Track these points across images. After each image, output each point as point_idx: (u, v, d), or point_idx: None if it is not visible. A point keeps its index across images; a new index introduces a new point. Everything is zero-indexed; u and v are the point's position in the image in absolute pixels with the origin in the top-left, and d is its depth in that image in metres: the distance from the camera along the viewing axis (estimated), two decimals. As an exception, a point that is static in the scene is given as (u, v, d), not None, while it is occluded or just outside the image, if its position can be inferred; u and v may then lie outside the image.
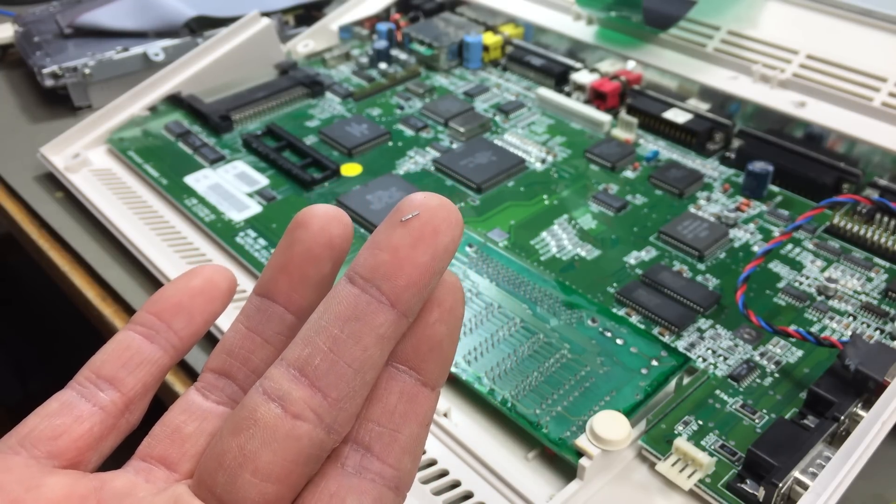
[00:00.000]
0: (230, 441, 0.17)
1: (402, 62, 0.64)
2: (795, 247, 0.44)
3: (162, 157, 0.54)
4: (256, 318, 0.19)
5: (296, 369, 0.17)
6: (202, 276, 0.20)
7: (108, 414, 0.19)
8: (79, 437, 0.18)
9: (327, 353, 0.17)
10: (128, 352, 0.20)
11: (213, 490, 0.17)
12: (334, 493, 0.17)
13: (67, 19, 0.68)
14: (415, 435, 0.18)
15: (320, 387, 0.17)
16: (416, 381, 0.18)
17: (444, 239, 0.17)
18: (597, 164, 0.51)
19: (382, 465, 0.17)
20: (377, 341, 0.17)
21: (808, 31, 0.53)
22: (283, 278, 0.19)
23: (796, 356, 0.37)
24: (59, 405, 0.19)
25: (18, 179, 0.55)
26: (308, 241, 0.19)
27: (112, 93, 0.60)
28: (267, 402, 0.16)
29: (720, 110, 0.53)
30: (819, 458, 0.31)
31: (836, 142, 0.49)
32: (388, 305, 0.17)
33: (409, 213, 0.17)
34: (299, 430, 0.16)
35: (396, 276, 0.17)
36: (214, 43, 0.60)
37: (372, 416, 0.18)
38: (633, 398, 0.34)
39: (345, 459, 0.17)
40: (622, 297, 0.40)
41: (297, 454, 0.16)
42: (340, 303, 0.17)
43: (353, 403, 0.17)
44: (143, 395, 0.20)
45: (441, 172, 0.51)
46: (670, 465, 0.32)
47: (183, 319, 0.20)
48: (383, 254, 0.17)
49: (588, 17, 0.62)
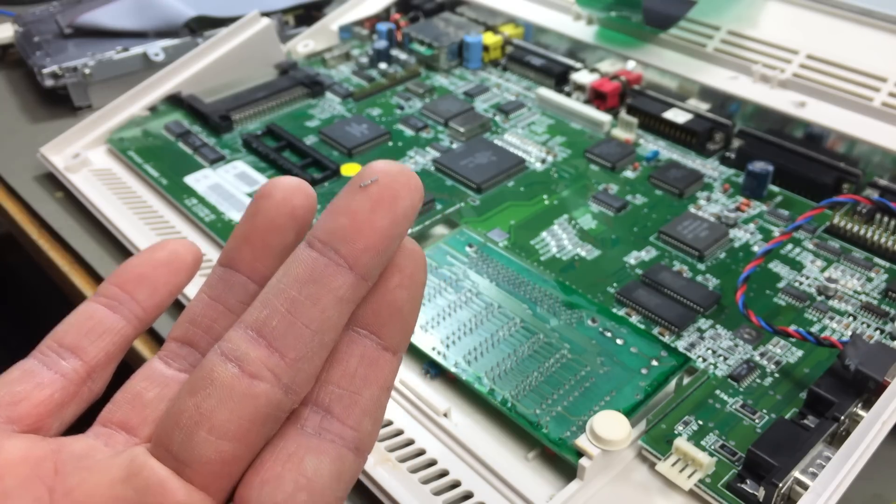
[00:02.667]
0: (187, 401, 0.17)
1: (402, 62, 0.64)
2: (795, 247, 0.44)
3: (162, 157, 0.54)
4: (220, 287, 0.20)
5: (253, 331, 0.17)
6: (167, 249, 0.21)
7: (69, 381, 0.19)
8: (39, 402, 0.19)
9: (285, 314, 0.17)
10: (90, 321, 0.20)
11: (169, 449, 0.17)
12: (293, 452, 0.17)
13: (67, 19, 0.68)
14: (375, 398, 0.18)
15: (277, 347, 0.17)
16: (376, 346, 0.18)
17: (404, 204, 0.17)
18: (597, 164, 0.51)
19: (342, 427, 0.18)
20: (335, 303, 0.17)
21: (808, 31, 0.53)
22: (246, 248, 0.19)
23: (796, 356, 0.37)
24: (20, 373, 0.19)
25: (18, 179, 0.55)
26: (271, 211, 0.19)
27: (112, 93, 0.60)
28: (224, 363, 0.17)
29: (720, 110, 0.53)
30: (819, 458, 0.31)
31: (836, 142, 0.49)
32: (347, 268, 0.17)
33: (369, 178, 0.17)
34: (256, 389, 0.16)
35: (355, 240, 0.17)
36: (214, 43, 0.60)
37: (332, 379, 0.18)
38: (633, 398, 0.34)
39: (304, 421, 0.17)
40: (622, 297, 0.40)
41: (254, 413, 0.16)
42: (299, 266, 0.17)
43: (310, 364, 0.17)
44: (105, 364, 0.20)
45: (441, 172, 0.51)
46: (670, 465, 0.32)
47: (146, 290, 0.20)
48: (342, 218, 0.17)
49: (588, 17, 0.62)
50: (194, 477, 0.17)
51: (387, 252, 0.17)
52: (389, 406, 0.36)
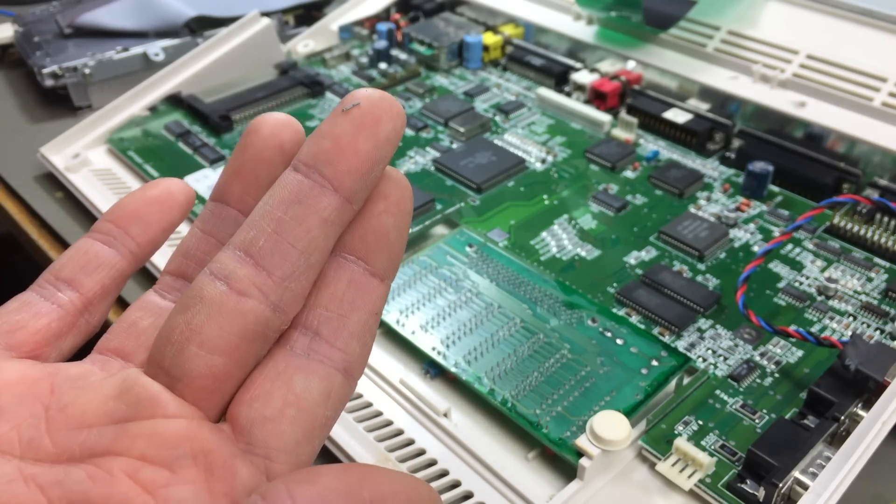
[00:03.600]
0: (178, 318, 0.17)
1: (402, 62, 0.64)
2: (795, 247, 0.44)
3: (162, 157, 0.54)
4: (212, 221, 0.20)
5: (241, 251, 0.17)
6: (159, 187, 0.21)
7: (66, 312, 0.20)
8: (36, 331, 0.19)
9: (271, 234, 0.17)
10: (86, 256, 0.20)
11: (161, 365, 0.17)
12: (282, 371, 0.17)
13: (67, 19, 0.68)
14: (363, 322, 0.18)
15: (265, 266, 0.17)
16: (364, 271, 0.18)
17: (386, 128, 0.17)
18: (597, 164, 0.51)
19: (331, 349, 0.18)
20: (320, 223, 0.17)
21: (808, 31, 0.53)
22: (236, 182, 0.20)
23: (796, 356, 0.37)
24: (18, 303, 0.20)
25: (18, 179, 0.55)
26: (259, 145, 0.19)
27: (112, 93, 0.60)
28: (213, 281, 0.17)
29: (720, 110, 0.53)
30: (819, 458, 0.31)
31: (836, 142, 0.49)
32: (331, 190, 0.17)
33: (351, 103, 0.17)
34: (244, 305, 0.17)
35: (338, 162, 0.17)
36: (214, 43, 0.60)
37: (321, 303, 0.18)
38: (633, 398, 0.34)
39: (294, 343, 0.18)
40: (622, 297, 0.40)
41: (243, 329, 0.17)
42: (284, 188, 0.17)
43: (298, 284, 0.17)
44: (101, 296, 0.20)
45: (441, 172, 0.51)
46: (670, 465, 0.32)
47: (139, 226, 0.21)
48: (325, 141, 0.17)
49: (588, 17, 0.62)
50: (186, 391, 0.17)
51: (370, 175, 0.18)
52: (389, 406, 0.36)
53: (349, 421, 0.35)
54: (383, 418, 0.35)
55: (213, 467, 0.16)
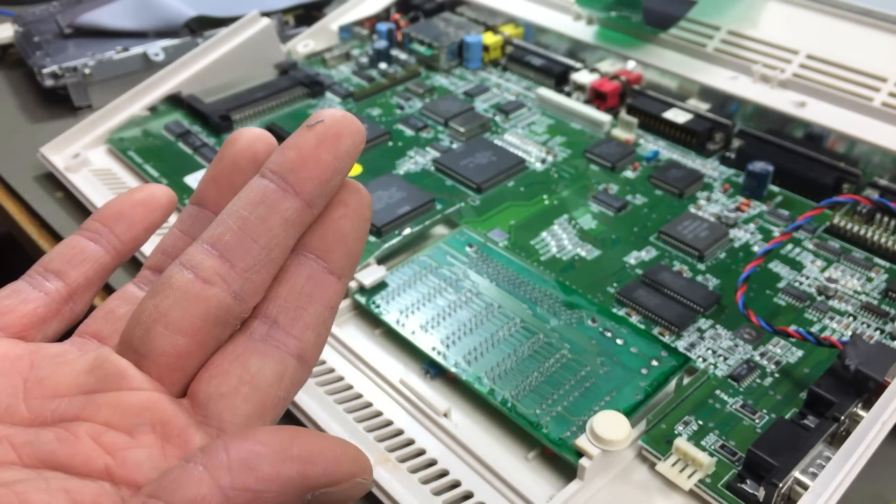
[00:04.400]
0: (147, 302, 0.19)
1: (402, 62, 0.64)
2: (795, 247, 0.44)
3: (162, 157, 0.54)
4: (189, 222, 0.22)
5: (208, 244, 0.19)
6: (144, 191, 0.23)
7: (52, 299, 0.21)
8: (23, 315, 0.21)
9: (236, 230, 0.19)
10: (73, 250, 0.22)
11: (131, 344, 0.19)
12: (240, 354, 0.19)
13: (67, 19, 0.68)
14: (319, 314, 0.20)
15: (229, 258, 0.19)
16: (323, 269, 0.20)
17: (346, 142, 0.19)
18: (597, 164, 0.51)
19: (287, 336, 0.19)
20: (282, 223, 0.19)
21: (808, 31, 0.53)
22: (213, 187, 0.22)
23: (796, 356, 0.37)
24: (8, 290, 0.21)
25: (18, 179, 0.55)
26: (234, 155, 0.21)
27: (112, 93, 0.60)
28: (181, 270, 0.19)
29: (720, 110, 0.53)
30: (819, 458, 0.31)
31: (836, 142, 0.49)
32: (293, 194, 0.19)
33: (315, 121, 0.19)
34: (208, 292, 0.19)
35: (301, 170, 0.19)
36: (214, 43, 0.60)
37: (280, 295, 0.20)
38: (633, 398, 0.34)
39: (252, 330, 0.19)
40: (622, 297, 0.40)
41: (205, 313, 0.19)
42: (251, 191, 0.19)
43: (258, 275, 0.19)
44: (85, 287, 0.22)
45: (441, 172, 0.51)
46: (670, 465, 0.32)
47: (123, 225, 0.23)
48: (291, 152, 0.19)
49: (588, 17, 0.62)
50: (151, 368, 0.19)
51: (330, 183, 0.19)
52: (389, 406, 0.36)
53: (349, 421, 0.35)
54: (383, 418, 0.35)
55: (169, 435, 0.18)
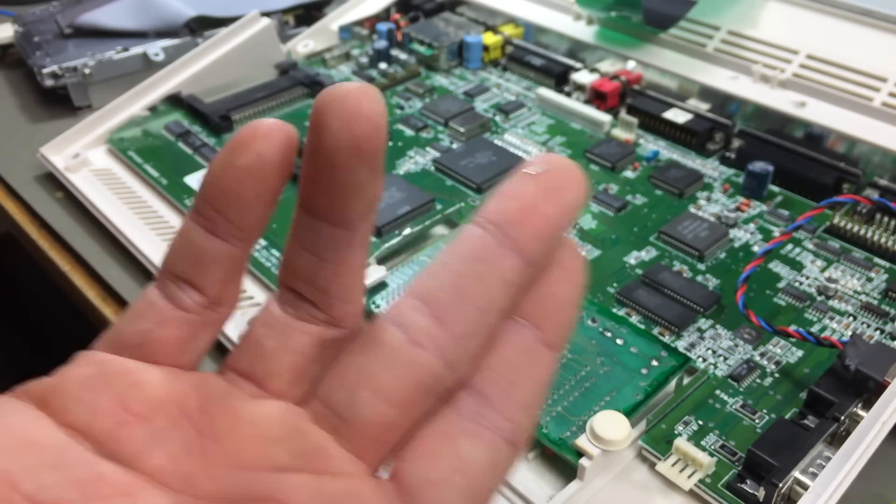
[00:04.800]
0: (352, 359, 0.17)
1: (402, 62, 0.64)
2: (795, 247, 0.44)
3: (162, 157, 0.54)
4: (304, 232, 0.19)
5: (420, 300, 0.16)
6: (250, 152, 0.18)
7: (192, 314, 0.18)
8: (166, 341, 0.18)
9: (451, 288, 0.16)
10: (193, 248, 0.19)
11: (330, 404, 0.17)
12: (446, 431, 0.17)
13: (67, 19, 0.68)
14: (531, 392, 0.17)
15: (442, 319, 0.16)
16: (536, 339, 0.17)
17: (570, 195, 0.17)
18: (597, 164, 0.51)
19: (499, 417, 0.17)
20: (501, 284, 0.16)
21: (808, 31, 0.53)
22: (314, 189, 0.18)
23: (796, 356, 0.37)
24: (144, 304, 0.19)
25: (18, 179, 0.55)
26: (331, 145, 0.17)
27: (112, 93, 0.60)
28: (390, 327, 0.16)
29: (720, 110, 0.53)
30: (819, 458, 0.31)
31: (836, 142, 0.49)
32: (514, 251, 0.16)
33: (537, 168, 0.17)
34: (420, 357, 0.16)
35: (523, 224, 0.16)
36: (214, 43, 0.60)
37: (490, 366, 0.17)
38: (633, 398, 0.34)
39: (461, 405, 0.17)
40: (622, 297, 0.40)
41: (416, 381, 0.16)
42: (466, 243, 0.16)
43: (473, 342, 0.16)
44: (222, 288, 0.19)
45: (441, 172, 0.51)
46: (670, 465, 0.32)
47: (235, 208, 0.18)
48: (511, 201, 0.16)
49: (588, 17, 0.62)
50: (352, 436, 0.16)
51: (551, 241, 0.17)
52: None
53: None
54: (383, 418, 0.35)
55: None
